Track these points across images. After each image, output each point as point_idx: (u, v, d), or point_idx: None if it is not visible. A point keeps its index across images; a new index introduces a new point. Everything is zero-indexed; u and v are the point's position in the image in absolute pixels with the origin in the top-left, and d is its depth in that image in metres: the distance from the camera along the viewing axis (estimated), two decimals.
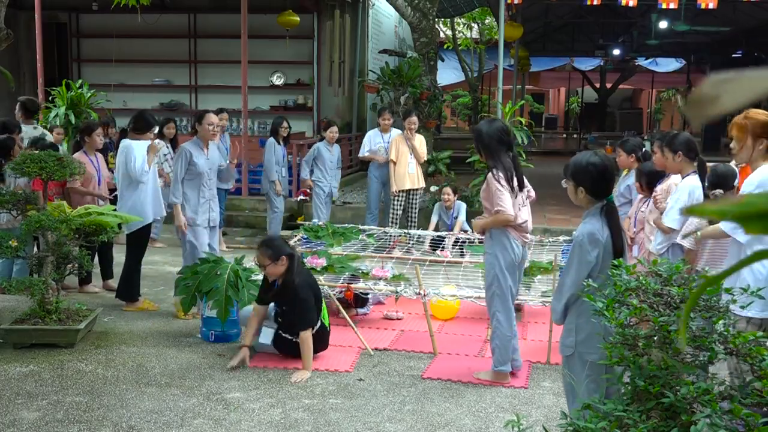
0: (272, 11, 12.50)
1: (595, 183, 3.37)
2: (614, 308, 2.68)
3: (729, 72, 0.81)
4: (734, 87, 0.79)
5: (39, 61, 10.55)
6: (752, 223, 0.77)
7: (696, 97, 0.81)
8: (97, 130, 6.84)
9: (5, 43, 5.75)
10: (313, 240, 6.89)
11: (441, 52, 18.61)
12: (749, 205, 0.76)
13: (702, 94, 0.80)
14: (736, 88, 0.79)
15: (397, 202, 8.85)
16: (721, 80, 0.80)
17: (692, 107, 0.81)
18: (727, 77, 0.80)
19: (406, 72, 10.90)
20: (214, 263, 5.43)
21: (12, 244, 5.35)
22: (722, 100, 0.79)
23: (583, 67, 27.80)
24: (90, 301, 6.48)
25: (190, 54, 13.94)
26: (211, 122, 6.10)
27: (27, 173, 5.59)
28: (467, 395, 4.56)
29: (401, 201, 8.86)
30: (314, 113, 13.39)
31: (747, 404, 2.38)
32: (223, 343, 5.45)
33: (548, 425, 3.98)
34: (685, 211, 0.82)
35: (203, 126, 6.11)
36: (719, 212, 0.79)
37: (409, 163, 8.79)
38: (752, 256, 0.85)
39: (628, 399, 2.49)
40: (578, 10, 18.09)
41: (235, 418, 4.14)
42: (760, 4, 13.06)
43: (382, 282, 5.82)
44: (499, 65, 10.34)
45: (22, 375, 4.74)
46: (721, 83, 0.80)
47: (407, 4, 11.36)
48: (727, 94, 0.79)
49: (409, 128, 8.76)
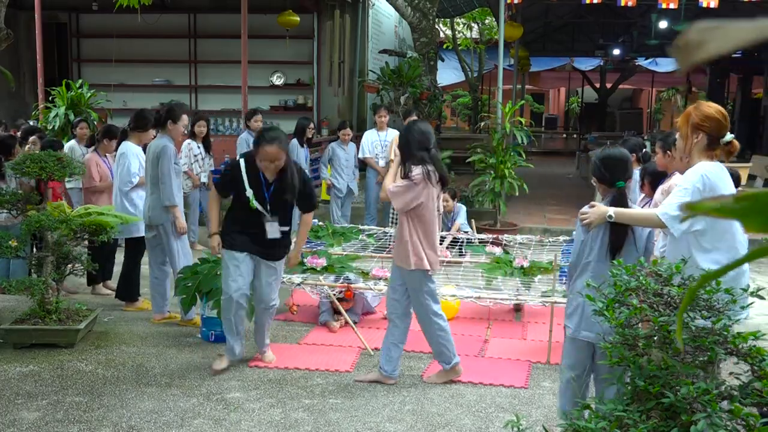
0: (272, 11, 12.50)
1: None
2: (614, 308, 2.67)
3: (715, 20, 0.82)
4: (720, 34, 0.80)
5: (39, 61, 10.54)
6: (753, 219, 0.77)
7: (682, 42, 0.82)
8: (116, 136, 6.85)
9: (5, 43, 5.75)
10: (313, 240, 6.90)
11: (441, 52, 18.62)
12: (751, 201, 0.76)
13: (688, 40, 0.81)
14: (722, 35, 0.80)
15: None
16: (707, 27, 0.81)
17: (679, 52, 0.82)
18: (713, 24, 0.81)
19: (406, 72, 10.91)
20: (214, 263, 5.42)
21: (12, 244, 5.35)
22: (708, 46, 0.80)
23: (583, 67, 27.79)
24: (90, 301, 6.48)
25: (190, 54, 13.94)
26: (186, 124, 5.85)
27: (27, 173, 5.58)
28: (467, 395, 4.56)
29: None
30: (314, 113, 13.38)
31: (747, 404, 2.38)
32: (223, 343, 5.45)
33: (548, 425, 3.98)
34: (684, 207, 0.82)
35: (177, 127, 5.76)
36: (719, 208, 0.78)
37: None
38: (751, 254, 0.85)
39: (628, 399, 2.49)
40: (578, 10, 18.09)
41: (235, 418, 4.14)
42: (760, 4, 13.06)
43: (382, 282, 5.81)
44: (499, 65, 10.34)
45: (22, 375, 4.74)
46: (708, 30, 0.81)
47: (407, 4, 11.36)
48: (713, 41, 0.80)
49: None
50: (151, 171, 5.75)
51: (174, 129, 5.76)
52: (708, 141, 3.52)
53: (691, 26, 0.82)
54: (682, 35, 0.82)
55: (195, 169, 8.57)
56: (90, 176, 6.76)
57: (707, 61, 0.82)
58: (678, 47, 0.82)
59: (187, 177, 8.49)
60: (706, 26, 0.81)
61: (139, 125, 6.28)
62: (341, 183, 9.08)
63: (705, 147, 3.53)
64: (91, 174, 6.75)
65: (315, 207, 4.99)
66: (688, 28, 0.82)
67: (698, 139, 3.54)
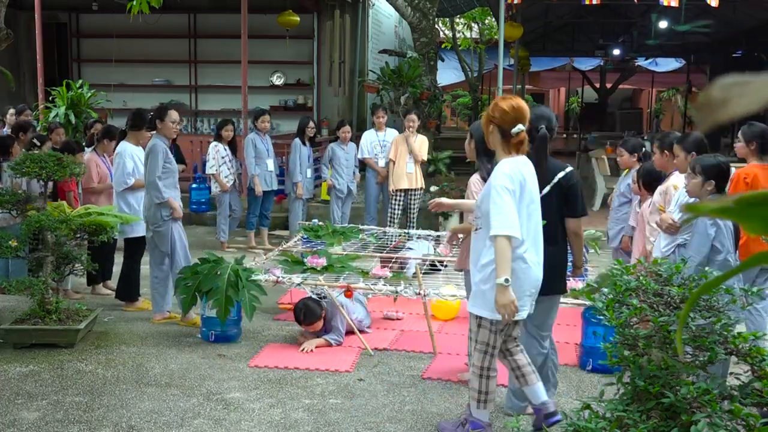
0: (272, 11, 12.50)
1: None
2: (614, 308, 2.68)
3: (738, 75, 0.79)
4: (744, 91, 0.77)
5: (39, 61, 10.54)
6: (753, 221, 0.76)
7: (705, 100, 0.78)
8: (116, 137, 6.85)
9: (5, 43, 5.76)
10: (313, 240, 6.90)
11: (441, 52, 18.60)
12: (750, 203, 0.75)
13: (711, 98, 0.78)
14: (746, 91, 0.77)
15: (395, 202, 8.84)
16: (730, 84, 0.78)
17: (701, 111, 0.79)
18: (736, 80, 0.78)
19: (406, 72, 10.90)
20: (214, 263, 5.43)
21: (12, 244, 5.35)
22: (732, 104, 0.77)
23: (583, 67, 27.77)
24: (90, 301, 6.48)
25: (190, 54, 13.94)
26: (174, 119, 5.85)
27: (27, 173, 5.58)
28: (467, 395, 4.55)
29: (399, 200, 8.85)
30: (314, 113, 13.38)
31: (747, 404, 2.38)
32: (223, 343, 5.45)
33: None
34: (684, 209, 0.81)
35: (166, 123, 5.79)
36: (720, 210, 0.78)
37: (407, 162, 8.79)
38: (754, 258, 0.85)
39: (628, 399, 2.49)
40: (578, 10, 18.07)
41: (235, 418, 4.14)
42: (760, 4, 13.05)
43: (382, 282, 5.81)
44: (499, 65, 10.34)
45: (22, 375, 4.74)
46: (731, 87, 0.77)
47: (407, 4, 11.36)
48: (737, 98, 0.77)
49: (408, 126, 8.77)
50: (144, 171, 5.86)
51: (164, 127, 5.81)
52: (500, 133, 3.64)
53: (714, 83, 0.78)
54: (704, 93, 0.79)
55: (223, 171, 8.63)
56: (89, 177, 6.75)
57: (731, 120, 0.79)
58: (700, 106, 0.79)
59: (214, 180, 8.62)
60: (730, 82, 0.77)
61: (137, 125, 6.28)
62: (341, 183, 9.09)
63: (500, 140, 3.65)
64: (90, 175, 6.74)
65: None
66: (711, 86, 0.79)
67: (491, 131, 3.67)
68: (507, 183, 3.52)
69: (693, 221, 3.71)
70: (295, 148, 8.93)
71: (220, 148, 8.66)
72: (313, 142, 9.24)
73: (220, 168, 8.62)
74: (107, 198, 6.72)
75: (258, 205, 9.00)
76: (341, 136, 9.16)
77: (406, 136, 8.79)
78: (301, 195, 8.90)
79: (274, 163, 9.09)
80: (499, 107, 3.63)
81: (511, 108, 3.60)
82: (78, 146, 6.91)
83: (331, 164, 9.11)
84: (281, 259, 6.25)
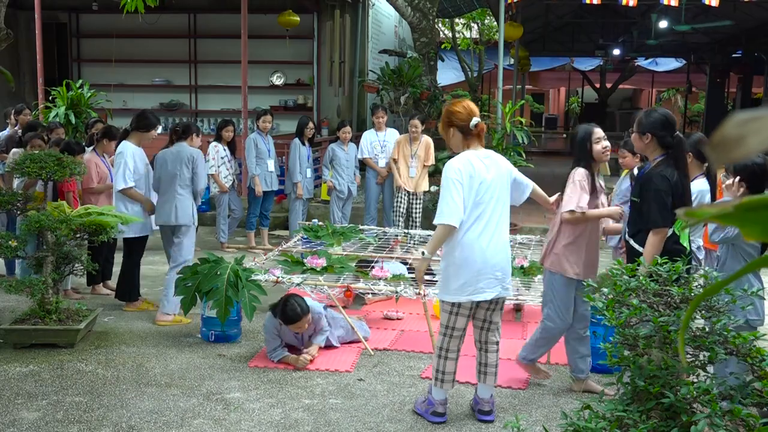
0: (272, 11, 12.50)
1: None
2: (614, 308, 2.67)
3: (753, 111, 0.75)
4: (759, 126, 0.73)
5: (39, 61, 10.54)
6: (752, 226, 0.75)
7: (719, 138, 0.75)
8: (116, 137, 6.85)
9: (5, 43, 5.76)
10: (313, 240, 6.90)
11: (441, 52, 18.61)
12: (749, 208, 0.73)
13: (726, 135, 0.74)
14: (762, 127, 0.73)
15: (398, 200, 8.83)
16: (744, 120, 0.74)
17: (716, 149, 0.75)
18: (750, 116, 0.74)
19: (406, 72, 10.90)
20: (214, 263, 5.42)
21: (12, 244, 5.35)
22: (748, 140, 0.73)
23: (583, 67, 27.79)
24: (90, 301, 6.48)
25: (190, 54, 13.94)
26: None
27: (27, 173, 5.59)
28: (467, 395, 4.55)
29: (403, 200, 8.84)
30: (314, 113, 13.38)
31: (747, 404, 2.38)
32: (223, 343, 5.45)
33: (548, 425, 3.98)
34: (685, 214, 0.80)
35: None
36: (720, 215, 0.76)
37: (410, 166, 8.76)
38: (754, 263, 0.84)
39: (628, 399, 2.49)
40: (578, 10, 18.09)
41: (235, 418, 4.14)
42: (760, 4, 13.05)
43: (382, 282, 5.81)
44: (499, 65, 10.34)
45: (22, 375, 4.74)
46: (745, 123, 0.74)
47: (407, 4, 11.36)
48: (753, 135, 0.73)
49: (410, 132, 8.76)
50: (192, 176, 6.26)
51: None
52: (460, 132, 4.02)
53: (728, 121, 0.75)
54: (719, 131, 0.75)
55: (222, 172, 8.65)
56: (89, 177, 6.74)
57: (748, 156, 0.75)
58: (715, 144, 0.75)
59: (213, 180, 8.65)
60: (744, 119, 0.74)
61: (141, 126, 6.28)
62: (342, 184, 9.08)
63: (461, 139, 4.04)
64: (90, 175, 6.73)
65: None
66: (725, 124, 0.75)
67: (452, 135, 4.05)
68: (454, 175, 3.90)
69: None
70: (294, 148, 8.93)
71: (220, 149, 8.68)
72: (312, 142, 9.24)
73: (219, 168, 8.64)
74: (107, 198, 6.72)
75: (258, 206, 9.00)
76: (341, 137, 9.15)
77: (412, 137, 8.75)
78: (301, 195, 8.90)
79: (275, 163, 9.10)
80: (454, 111, 4.03)
81: (463, 108, 4.02)
82: (78, 146, 6.89)
83: (331, 165, 9.11)
84: (281, 259, 6.25)
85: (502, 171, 4.04)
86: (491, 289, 3.96)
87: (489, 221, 3.95)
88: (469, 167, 3.92)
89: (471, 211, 3.92)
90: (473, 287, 3.93)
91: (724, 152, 0.74)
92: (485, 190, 3.94)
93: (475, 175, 3.91)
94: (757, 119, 0.74)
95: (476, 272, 3.92)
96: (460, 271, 3.94)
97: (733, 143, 0.74)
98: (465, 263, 3.92)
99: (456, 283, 3.96)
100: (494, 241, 3.96)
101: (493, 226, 3.96)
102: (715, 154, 0.76)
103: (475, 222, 3.92)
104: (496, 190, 3.97)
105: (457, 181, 3.89)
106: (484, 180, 3.93)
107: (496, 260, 3.97)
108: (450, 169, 3.93)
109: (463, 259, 3.92)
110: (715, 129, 0.78)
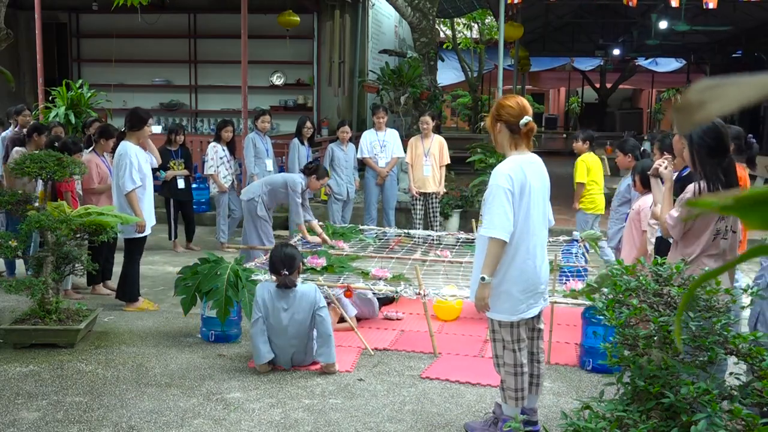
0: (272, 11, 12.50)
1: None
2: (614, 308, 2.68)
3: (713, 79, 0.81)
4: (721, 93, 0.79)
5: (39, 61, 10.54)
6: (753, 217, 0.77)
7: (683, 103, 0.81)
8: (115, 136, 6.83)
9: (5, 43, 5.76)
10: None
11: (441, 52, 18.61)
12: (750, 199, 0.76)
13: (689, 101, 0.80)
14: (723, 94, 0.79)
15: (418, 204, 8.83)
16: (707, 86, 0.79)
17: (679, 114, 0.81)
18: (713, 83, 0.80)
19: (406, 72, 10.90)
20: (214, 263, 5.43)
21: (12, 244, 5.35)
22: (709, 106, 0.79)
23: (583, 67, 27.80)
24: (90, 301, 6.48)
25: (190, 54, 13.95)
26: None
27: (27, 173, 5.58)
28: (467, 395, 4.56)
29: (421, 203, 8.84)
30: (314, 113, 13.39)
31: (747, 404, 2.38)
32: (223, 343, 5.45)
33: (548, 425, 3.98)
34: (686, 203, 0.82)
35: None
36: (720, 205, 0.78)
37: (424, 165, 8.75)
38: (749, 252, 0.85)
39: (628, 399, 2.49)
40: (578, 10, 18.09)
41: (235, 418, 4.14)
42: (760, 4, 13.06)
43: (382, 282, 5.81)
44: (499, 65, 10.34)
45: (22, 375, 4.74)
46: (708, 89, 0.79)
47: (407, 4, 11.36)
48: (714, 101, 0.79)
49: (422, 129, 8.76)
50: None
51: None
52: (508, 129, 3.67)
53: (690, 87, 0.81)
54: (682, 97, 0.82)
55: (222, 172, 8.65)
56: (89, 178, 6.74)
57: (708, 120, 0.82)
58: (678, 109, 0.81)
59: (212, 181, 8.65)
60: (706, 86, 0.80)
61: (134, 125, 6.28)
62: (341, 184, 9.06)
63: (508, 136, 3.69)
64: (91, 175, 6.73)
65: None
66: (688, 90, 0.81)
67: (499, 130, 3.71)
68: (505, 183, 3.55)
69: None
70: (293, 148, 8.93)
71: (219, 149, 8.68)
72: (312, 142, 9.23)
73: (218, 168, 8.63)
74: (107, 198, 6.71)
75: None
76: (340, 137, 9.13)
77: (423, 135, 8.74)
78: None
79: (273, 163, 9.10)
80: (504, 105, 3.70)
81: (515, 104, 3.68)
82: (75, 146, 6.86)
83: (331, 166, 9.10)
84: None
85: (545, 180, 3.77)
86: (538, 304, 3.78)
87: (538, 235, 3.68)
88: (521, 174, 3.58)
89: (522, 224, 3.59)
90: (526, 304, 3.70)
91: (687, 116, 0.80)
92: (535, 201, 3.63)
93: (526, 183, 3.59)
94: (718, 86, 0.79)
95: (531, 292, 3.69)
96: (512, 288, 3.65)
97: (696, 108, 0.80)
98: (519, 282, 3.63)
99: (508, 302, 3.68)
100: (543, 255, 3.72)
101: (541, 239, 3.71)
102: (679, 117, 0.82)
103: (527, 236, 3.61)
104: (540, 201, 3.69)
105: (507, 190, 3.54)
106: (534, 188, 3.63)
107: (545, 276, 3.78)
108: (499, 176, 3.59)
109: (516, 277, 3.62)
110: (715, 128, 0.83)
